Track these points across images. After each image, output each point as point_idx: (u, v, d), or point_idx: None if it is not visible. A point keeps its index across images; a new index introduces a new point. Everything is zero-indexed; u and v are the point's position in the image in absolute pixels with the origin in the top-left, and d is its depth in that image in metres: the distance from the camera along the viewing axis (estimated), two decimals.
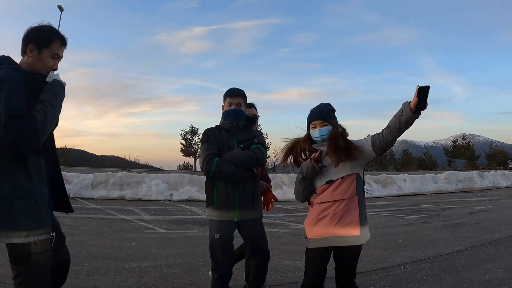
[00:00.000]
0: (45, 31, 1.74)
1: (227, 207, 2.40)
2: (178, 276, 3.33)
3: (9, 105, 1.49)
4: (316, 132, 2.14)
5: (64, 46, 1.80)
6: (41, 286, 1.69)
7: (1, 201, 1.55)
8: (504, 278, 3.40)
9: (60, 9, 29.04)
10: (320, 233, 2.11)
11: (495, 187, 16.73)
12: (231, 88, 2.55)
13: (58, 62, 1.79)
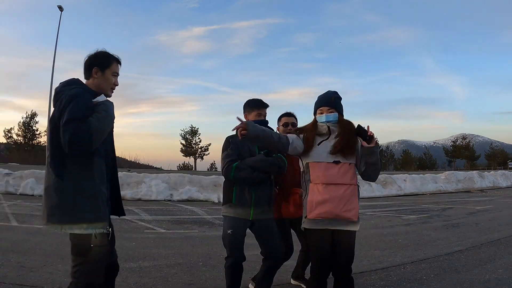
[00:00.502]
0: (103, 55, 2.05)
1: (243, 206, 2.58)
2: (178, 276, 3.33)
3: (71, 111, 1.77)
4: (323, 117, 2.24)
5: (120, 64, 2.11)
6: (96, 278, 1.88)
7: (66, 198, 1.80)
8: (504, 278, 3.39)
9: (60, 9, 29.04)
10: (324, 213, 2.15)
11: (495, 187, 16.72)
12: (259, 100, 2.78)
13: (117, 78, 2.10)
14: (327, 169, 2.19)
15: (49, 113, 30.36)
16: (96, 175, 1.86)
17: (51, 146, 1.86)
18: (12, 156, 35.92)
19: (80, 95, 1.84)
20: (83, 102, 1.83)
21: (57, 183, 1.82)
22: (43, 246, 4.35)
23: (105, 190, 1.92)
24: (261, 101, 2.78)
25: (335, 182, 2.17)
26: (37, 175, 10.49)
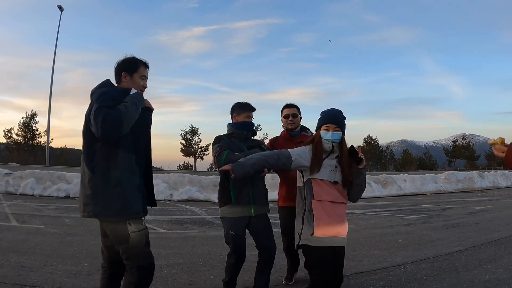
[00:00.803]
0: (131, 60, 2.20)
1: (244, 204, 2.72)
2: (178, 276, 3.33)
3: (101, 100, 1.95)
4: (329, 135, 2.24)
5: (148, 68, 2.25)
6: (144, 259, 2.06)
7: (97, 189, 1.97)
8: (504, 278, 3.40)
9: (60, 9, 29.04)
10: (330, 231, 2.19)
11: (495, 187, 16.72)
12: (248, 104, 2.95)
13: (146, 81, 2.24)
14: (330, 188, 2.23)
15: (49, 113, 30.39)
16: (123, 166, 2.01)
17: (84, 142, 2.05)
18: (12, 156, 35.91)
19: (109, 90, 2.05)
20: (112, 94, 2.02)
21: (89, 176, 2.00)
22: (43, 246, 4.35)
23: (137, 179, 2.07)
24: (250, 104, 2.97)
25: (338, 201, 2.25)
26: (37, 175, 10.50)
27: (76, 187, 10.02)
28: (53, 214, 6.88)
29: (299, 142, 3.00)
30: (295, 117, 3.08)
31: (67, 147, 46.52)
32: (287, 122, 3.08)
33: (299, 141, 3.02)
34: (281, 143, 3.11)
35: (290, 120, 3.06)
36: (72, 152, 47.15)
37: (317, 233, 2.17)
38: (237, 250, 2.74)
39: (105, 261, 2.21)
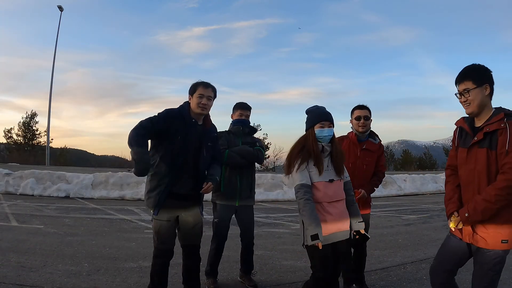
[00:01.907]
0: (194, 83, 2.64)
1: (230, 194, 3.14)
2: (178, 276, 3.32)
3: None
4: (325, 132, 2.29)
5: (207, 87, 2.61)
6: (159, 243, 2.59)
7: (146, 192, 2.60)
8: (504, 278, 3.39)
9: (60, 9, 29.04)
10: (329, 230, 2.23)
11: None
12: (243, 103, 3.32)
13: (206, 99, 2.58)
14: (326, 188, 2.28)
15: (49, 113, 30.32)
16: (155, 177, 2.52)
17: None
18: (12, 156, 35.86)
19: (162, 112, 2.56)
20: (158, 115, 2.52)
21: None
22: (43, 246, 4.35)
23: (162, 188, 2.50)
24: (244, 103, 3.33)
25: (335, 199, 2.29)
26: (37, 175, 10.49)
27: (76, 187, 10.03)
28: (53, 214, 6.88)
29: (364, 148, 2.95)
30: (367, 120, 2.93)
31: (67, 147, 46.41)
32: (358, 125, 2.93)
33: (365, 147, 2.95)
34: (346, 145, 2.97)
35: (361, 123, 2.91)
36: (72, 152, 47.07)
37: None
38: (218, 236, 3.18)
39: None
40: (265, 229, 5.89)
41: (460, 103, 2.00)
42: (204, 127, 2.65)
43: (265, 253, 4.38)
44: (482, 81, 1.93)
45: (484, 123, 1.91)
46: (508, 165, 1.78)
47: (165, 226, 2.56)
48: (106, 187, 10.21)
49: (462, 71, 1.99)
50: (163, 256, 2.60)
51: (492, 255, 1.85)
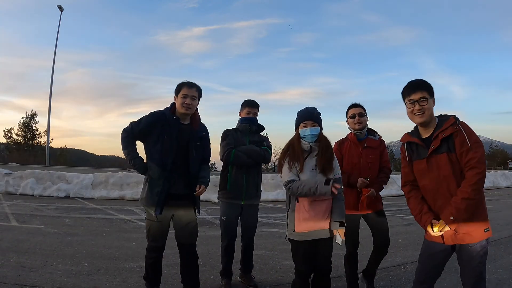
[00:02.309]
0: (179, 83, 2.69)
1: (236, 193, 3.12)
2: (178, 276, 3.32)
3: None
4: (308, 131, 2.37)
5: (191, 87, 2.65)
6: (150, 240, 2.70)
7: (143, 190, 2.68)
8: (504, 278, 3.40)
9: (60, 9, 29.05)
10: (311, 227, 2.32)
11: (495, 187, 16.70)
12: (250, 100, 3.32)
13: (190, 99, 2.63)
14: None
15: (49, 113, 30.39)
16: (152, 177, 2.59)
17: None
18: (12, 156, 35.90)
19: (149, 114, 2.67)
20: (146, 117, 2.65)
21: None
22: (43, 246, 4.35)
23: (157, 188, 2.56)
24: (252, 101, 3.32)
25: (320, 198, 2.33)
26: (37, 175, 10.50)
27: (76, 187, 10.03)
28: (53, 214, 6.88)
29: (366, 146, 2.95)
30: (362, 116, 2.95)
31: (67, 147, 46.53)
32: (354, 122, 2.95)
33: (366, 145, 2.95)
34: (347, 147, 2.99)
35: (357, 120, 2.94)
36: (72, 152, 47.18)
37: (298, 229, 2.34)
38: (227, 234, 3.13)
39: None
40: (265, 229, 5.89)
41: (409, 113, 2.09)
42: (191, 127, 2.69)
43: (265, 253, 4.38)
44: (432, 93, 2.08)
45: (436, 131, 2.01)
46: (474, 159, 1.90)
47: (156, 225, 2.64)
48: (106, 187, 10.21)
49: (414, 83, 2.10)
50: (155, 251, 2.72)
51: (478, 247, 1.93)
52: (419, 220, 2.07)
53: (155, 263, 2.74)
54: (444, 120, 2.03)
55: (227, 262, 3.15)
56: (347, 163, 2.95)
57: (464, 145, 1.92)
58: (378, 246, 2.97)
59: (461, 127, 1.96)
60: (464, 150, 1.92)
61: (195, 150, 2.66)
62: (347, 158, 2.96)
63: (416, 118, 2.06)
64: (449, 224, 1.93)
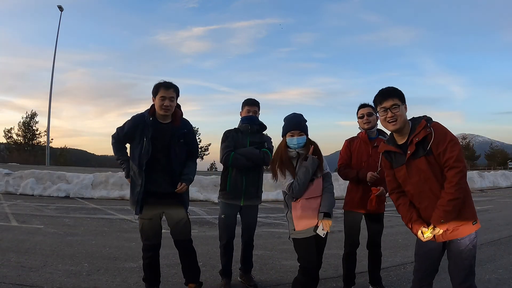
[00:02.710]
0: (156, 84, 2.71)
1: (235, 194, 3.10)
2: (178, 276, 3.33)
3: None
4: (294, 140, 2.46)
5: (168, 88, 2.67)
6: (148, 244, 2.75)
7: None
8: (504, 278, 3.40)
9: (60, 9, 29.05)
10: (309, 224, 2.39)
11: (495, 187, 16.69)
12: (250, 99, 3.24)
13: (168, 100, 2.66)
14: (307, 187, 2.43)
15: (49, 113, 30.39)
16: (134, 177, 2.68)
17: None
18: (12, 156, 35.88)
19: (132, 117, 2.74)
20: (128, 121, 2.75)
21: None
22: (43, 246, 4.35)
23: (139, 188, 2.63)
24: (251, 99, 3.25)
25: (313, 196, 2.44)
26: (37, 175, 10.49)
27: (76, 187, 10.03)
28: (53, 214, 6.88)
29: (375, 146, 2.95)
30: (370, 116, 2.98)
31: (67, 147, 46.49)
32: (363, 122, 3.00)
33: (376, 145, 2.95)
34: (357, 145, 3.02)
35: (365, 119, 2.98)
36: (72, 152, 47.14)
37: (298, 228, 2.42)
38: (225, 234, 3.12)
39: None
40: (265, 229, 5.89)
41: (383, 121, 2.11)
42: (172, 125, 2.74)
43: (265, 253, 4.38)
44: (404, 99, 2.11)
45: (411, 136, 2.03)
46: (452, 159, 1.91)
47: (148, 224, 2.72)
48: (106, 187, 10.21)
49: (385, 91, 2.12)
50: (150, 250, 2.76)
51: (467, 240, 1.97)
52: (410, 228, 2.10)
53: (151, 263, 2.77)
54: (416, 124, 2.05)
55: (227, 261, 3.15)
56: (356, 161, 2.99)
57: (440, 146, 1.94)
58: (371, 248, 3.03)
59: (432, 129, 1.97)
60: (440, 151, 1.94)
61: (178, 148, 2.72)
62: (356, 155, 2.99)
63: (389, 126, 2.08)
64: (441, 225, 1.93)
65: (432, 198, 1.98)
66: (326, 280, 3.29)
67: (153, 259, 2.78)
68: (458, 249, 1.97)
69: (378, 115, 2.14)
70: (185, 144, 2.77)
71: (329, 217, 2.39)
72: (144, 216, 2.70)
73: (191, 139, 2.86)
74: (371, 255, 3.05)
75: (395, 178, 2.16)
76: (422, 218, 2.04)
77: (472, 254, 1.98)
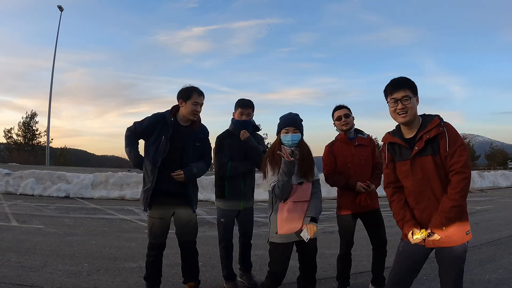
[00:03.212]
0: (187, 89, 2.74)
1: (235, 199, 3.07)
2: (178, 276, 3.33)
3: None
4: (289, 137, 2.42)
5: (201, 95, 2.74)
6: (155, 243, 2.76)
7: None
8: (504, 278, 3.40)
9: (60, 9, 29.06)
10: (293, 228, 2.36)
11: (495, 187, 16.70)
12: (243, 100, 3.12)
13: (200, 107, 2.73)
14: (296, 190, 2.41)
15: (49, 113, 30.41)
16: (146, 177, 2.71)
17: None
18: (12, 156, 35.89)
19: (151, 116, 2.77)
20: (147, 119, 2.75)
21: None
22: (43, 246, 4.35)
23: (149, 183, 2.66)
24: (245, 101, 3.12)
25: (301, 200, 2.41)
26: (37, 175, 10.49)
27: (76, 187, 10.03)
28: (53, 214, 6.88)
29: (357, 145, 2.96)
30: (348, 117, 2.97)
31: (67, 147, 46.48)
32: (341, 124, 2.97)
33: (357, 143, 2.96)
34: (339, 148, 2.98)
35: (343, 121, 2.96)
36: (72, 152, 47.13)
37: (280, 231, 2.38)
38: (225, 236, 3.13)
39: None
40: (265, 229, 5.85)
41: (392, 113, 2.01)
42: (191, 129, 2.78)
43: (265, 253, 4.34)
44: (416, 91, 2.01)
45: (420, 132, 1.95)
46: (459, 163, 1.84)
47: (158, 223, 2.73)
48: (106, 187, 10.21)
49: (397, 81, 2.03)
50: (156, 248, 2.78)
51: (461, 248, 1.91)
52: (401, 227, 2.04)
53: (155, 262, 2.79)
54: (428, 120, 1.97)
55: (228, 263, 3.14)
56: (341, 163, 2.95)
57: (449, 148, 1.87)
58: (376, 247, 2.96)
59: (445, 129, 1.90)
60: (449, 153, 1.87)
61: (192, 150, 2.77)
62: (340, 158, 2.95)
63: (399, 118, 1.98)
64: (440, 233, 1.87)
65: (432, 200, 1.93)
66: (326, 280, 3.29)
67: (157, 258, 2.80)
68: (451, 257, 1.92)
69: (388, 105, 2.04)
70: (199, 147, 2.82)
71: (315, 222, 2.35)
72: (154, 215, 2.73)
73: (205, 143, 2.91)
74: (376, 254, 2.97)
75: (394, 171, 2.08)
76: (417, 219, 1.98)
77: (463, 259, 1.93)
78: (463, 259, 1.94)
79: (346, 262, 2.97)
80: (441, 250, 1.94)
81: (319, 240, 2.54)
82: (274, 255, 2.41)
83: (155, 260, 2.79)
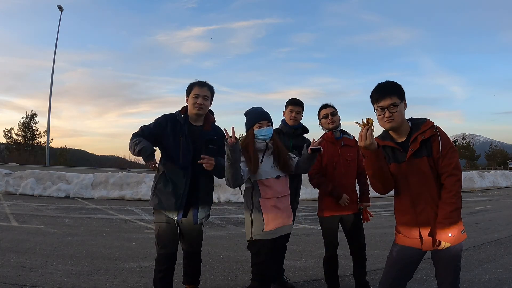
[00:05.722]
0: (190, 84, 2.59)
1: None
2: (178, 276, 3.32)
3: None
4: (264, 131, 2.43)
5: (202, 86, 2.54)
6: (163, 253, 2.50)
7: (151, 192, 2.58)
8: (504, 278, 3.40)
9: (60, 9, 29.06)
10: (278, 224, 2.38)
11: (495, 187, 16.71)
12: (294, 98, 3.18)
13: (202, 98, 2.51)
14: (275, 184, 2.42)
15: (49, 113, 30.37)
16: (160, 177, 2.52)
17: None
18: (12, 156, 35.88)
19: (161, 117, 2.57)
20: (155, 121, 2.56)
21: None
22: (43, 246, 4.35)
23: (182, 188, 2.45)
24: (295, 99, 3.16)
25: (282, 195, 2.43)
26: (37, 175, 10.49)
27: (76, 187, 10.03)
28: (53, 214, 6.88)
29: (343, 145, 2.95)
30: (334, 115, 2.96)
31: (67, 147, 46.41)
32: (327, 122, 2.96)
33: (344, 144, 2.95)
34: (325, 147, 2.89)
35: (330, 119, 2.95)
36: (72, 152, 47.06)
37: (267, 228, 2.36)
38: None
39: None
40: None
41: (380, 120, 1.99)
42: (202, 129, 2.58)
43: None
44: (403, 96, 2.00)
45: (414, 134, 1.95)
46: (451, 165, 1.88)
47: (165, 227, 2.50)
48: (106, 187, 10.21)
49: (383, 87, 2.00)
50: (166, 261, 2.49)
51: (458, 248, 1.92)
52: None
53: (165, 278, 2.48)
54: (420, 123, 1.98)
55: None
56: (327, 162, 2.91)
57: (442, 150, 1.90)
58: (355, 252, 2.93)
59: (438, 131, 1.93)
60: (441, 154, 1.89)
61: (204, 152, 2.47)
62: (327, 157, 2.91)
63: (386, 125, 1.98)
64: (448, 240, 1.85)
65: (429, 202, 1.93)
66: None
67: (168, 272, 2.49)
68: (449, 256, 1.92)
69: (375, 113, 2.01)
70: (214, 151, 2.53)
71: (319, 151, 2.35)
72: (161, 219, 2.50)
73: (221, 147, 2.46)
74: (356, 259, 2.93)
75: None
76: (412, 223, 1.97)
77: (460, 258, 1.95)
78: (459, 258, 1.96)
79: (333, 263, 2.92)
80: (438, 251, 1.94)
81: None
82: (260, 254, 2.36)
83: (164, 275, 2.47)
